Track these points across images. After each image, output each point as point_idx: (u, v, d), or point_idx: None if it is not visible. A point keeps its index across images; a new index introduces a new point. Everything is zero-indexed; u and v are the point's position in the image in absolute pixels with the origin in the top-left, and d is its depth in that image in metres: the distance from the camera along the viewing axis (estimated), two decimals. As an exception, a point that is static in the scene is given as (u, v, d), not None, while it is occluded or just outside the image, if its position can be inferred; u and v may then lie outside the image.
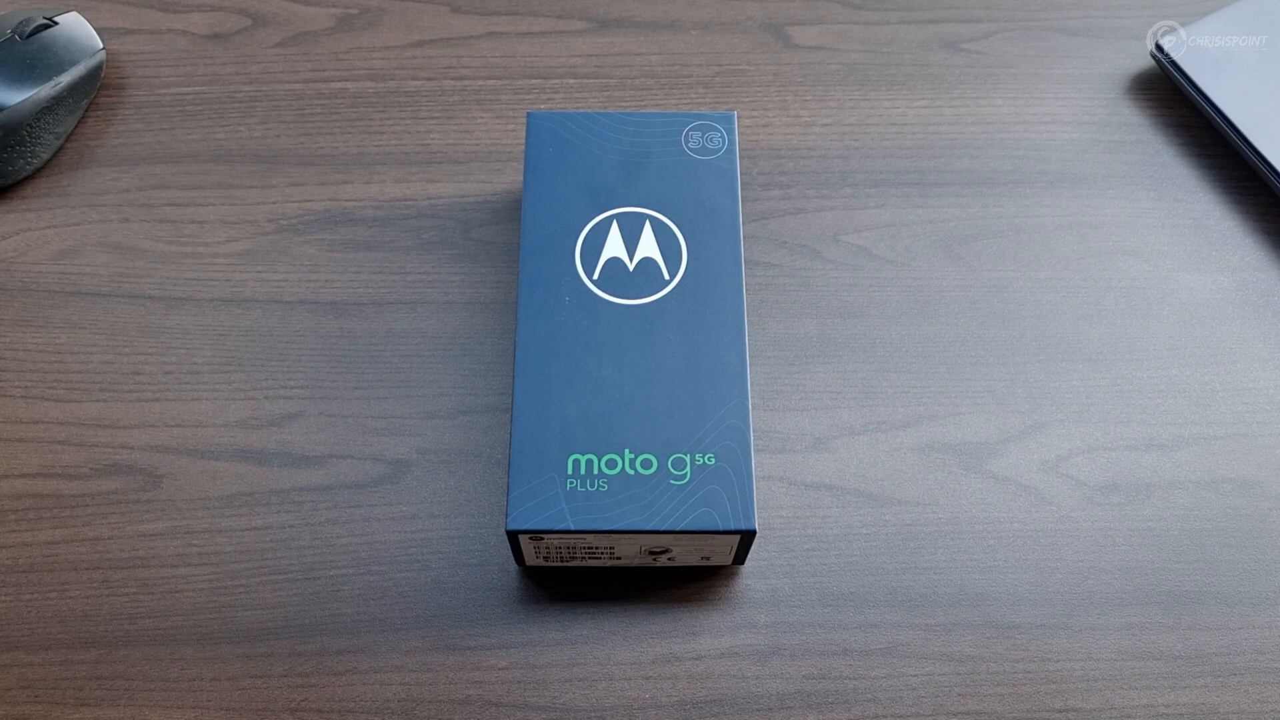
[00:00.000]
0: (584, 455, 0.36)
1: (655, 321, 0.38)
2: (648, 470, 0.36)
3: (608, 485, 0.36)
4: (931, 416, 0.43)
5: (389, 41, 0.51)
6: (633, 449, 0.36)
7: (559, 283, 0.39)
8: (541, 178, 0.41)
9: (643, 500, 0.36)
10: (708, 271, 0.39)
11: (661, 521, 0.35)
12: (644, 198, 0.41)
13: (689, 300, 0.39)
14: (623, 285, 0.39)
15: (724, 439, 0.36)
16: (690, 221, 0.40)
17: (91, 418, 0.42)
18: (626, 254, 0.40)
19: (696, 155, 0.41)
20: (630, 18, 0.52)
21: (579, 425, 0.37)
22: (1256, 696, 0.38)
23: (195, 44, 0.51)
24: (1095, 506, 0.41)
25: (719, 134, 0.42)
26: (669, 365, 0.38)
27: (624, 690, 0.38)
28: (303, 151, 0.48)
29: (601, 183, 0.41)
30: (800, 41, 0.51)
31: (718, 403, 0.37)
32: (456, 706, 0.37)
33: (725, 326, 0.38)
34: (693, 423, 0.37)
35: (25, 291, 0.45)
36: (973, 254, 0.46)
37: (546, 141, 0.42)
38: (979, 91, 0.50)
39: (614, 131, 0.42)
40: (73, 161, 0.48)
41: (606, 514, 0.35)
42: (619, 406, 0.37)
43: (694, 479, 0.36)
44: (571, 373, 0.37)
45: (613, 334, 0.38)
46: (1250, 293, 0.45)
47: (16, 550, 0.40)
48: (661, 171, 0.41)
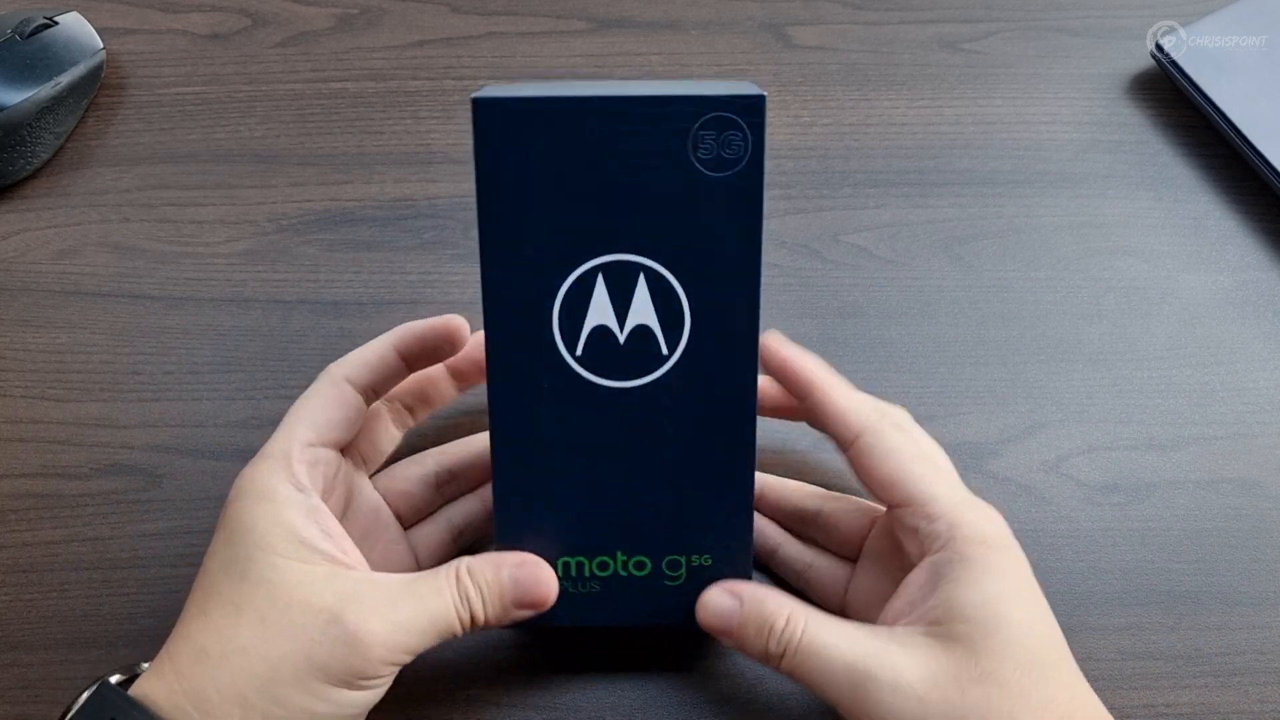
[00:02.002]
0: (574, 559, 0.34)
1: (650, 410, 0.33)
2: (641, 572, 0.34)
3: (600, 587, 0.34)
4: (931, 416, 0.43)
5: (389, 41, 0.51)
6: (625, 551, 0.34)
7: (535, 363, 0.32)
8: (504, 210, 0.31)
9: (635, 600, 0.34)
10: (715, 344, 0.32)
11: (651, 618, 0.35)
12: (636, 239, 0.31)
13: (690, 382, 0.32)
14: (611, 363, 0.32)
15: (723, 538, 0.34)
16: (696, 272, 0.31)
17: (92, 418, 0.42)
18: (616, 321, 0.32)
19: (708, 171, 0.31)
20: (630, 18, 0.52)
21: (566, 528, 0.34)
22: (1257, 697, 0.38)
23: (195, 44, 0.51)
24: (1095, 506, 0.41)
25: (739, 136, 0.30)
26: (663, 458, 0.33)
27: (624, 691, 0.38)
28: (303, 151, 0.48)
29: (582, 215, 0.31)
30: (800, 41, 0.51)
31: (719, 498, 0.33)
32: (456, 706, 0.37)
33: (732, 417, 0.33)
34: (690, 521, 0.34)
35: (25, 291, 0.45)
36: (973, 254, 0.46)
37: (504, 150, 0.31)
38: (979, 91, 0.50)
39: (595, 131, 0.30)
40: (73, 161, 0.48)
41: (598, 613, 0.34)
42: (609, 506, 0.33)
43: (689, 580, 0.34)
44: (554, 471, 0.33)
45: (600, 425, 0.33)
46: (1250, 293, 0.45)
47: (17, 550, 0.40)
48: (659, 197, 0.31)
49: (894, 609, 0.32)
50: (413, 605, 0.30)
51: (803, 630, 0.31)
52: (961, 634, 0.30)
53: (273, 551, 0.30)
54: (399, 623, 0.30)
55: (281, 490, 0.31)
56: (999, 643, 0.30)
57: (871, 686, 0.29)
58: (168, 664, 0.30)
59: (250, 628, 0.29)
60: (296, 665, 0.29)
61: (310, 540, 0.31)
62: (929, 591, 0.31)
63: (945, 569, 0.31)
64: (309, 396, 0.34)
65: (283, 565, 0.30)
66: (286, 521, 0.31)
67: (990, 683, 0.29)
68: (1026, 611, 0.31)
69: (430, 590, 0.31)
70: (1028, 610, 0.31)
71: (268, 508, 0.31)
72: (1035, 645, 0.30)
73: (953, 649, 0.30)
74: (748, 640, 0.32)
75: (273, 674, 0.29)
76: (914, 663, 0.30)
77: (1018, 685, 0.29)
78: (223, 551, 0.31)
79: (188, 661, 0.29)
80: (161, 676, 0.29)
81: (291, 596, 0.30)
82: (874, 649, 0.30)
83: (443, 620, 0.31)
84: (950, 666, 0.29)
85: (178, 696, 0.29)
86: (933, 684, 0.29)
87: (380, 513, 0.37)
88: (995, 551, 0.32)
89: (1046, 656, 0.31)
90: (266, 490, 0.31)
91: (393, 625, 0.30)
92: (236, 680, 0.29)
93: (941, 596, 0.31)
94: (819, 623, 0.31)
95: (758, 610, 0.32)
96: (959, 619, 0.30)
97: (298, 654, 0.29)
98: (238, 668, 0.29)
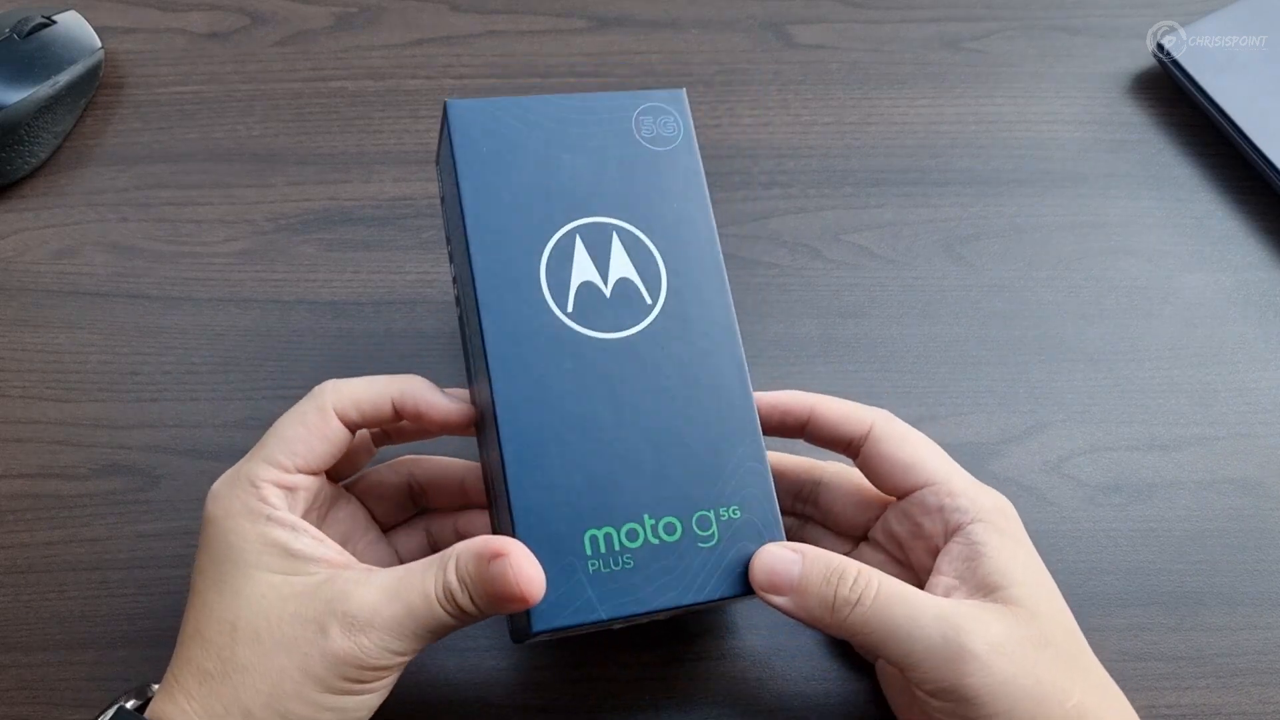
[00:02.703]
0: (601, 530, 0.32)
1: (647, 356, 0.34)
2: (672, 536, 0.32)
3: (634, 561, 0.32)
4: (933, 416, 0.43)
5: (388, 40, 0.51)
6: (652, 513, 0.32)
7: (531, 322, 0.33)
8: (482, 187, 0.34)
9: (674, 572, 0.32)
10: (692, 288, 0.35)
11: (698, 592, 0.32)
12: (605, 203, 0.35)
13: (678, 325, 0.34)
14: (602, 315, 0.34)
15: (745, 485, 0.33)
16: (660, 229, 0.35)
17: (90, 418, 0.42)
18: (600, 276, 0.34)
19: (652, 146, 0.36)
20: (631, 16, 0.52)
21: (588, 494, 0.32)
22: (1259, 697, 0.38)
23: (194, 43, 0.51)
24: (1097, 507, 0.41)
25: (672, 118, 0.36)
26: (670, 406, 0.33)
27: (624, 691, 0.38)
28: (301, 151, 0.48)
29: (553, 188, 0.35)
30: (801, 40, 0.51)
31: (731, 445, 0.33)
32: (456, 706, 0.37)
33: (722, 352, 0.34)
34: (710, 472, 0.33)
35: (23, 291, 0.45)
36: (974, 253, 0.46)
37: (478, 140, 0.35)
38: (980, 90, 0.50)
39: (553, 121, 0.35)
40: (71, 161, 0.48)
41: (639, 594, 0.32)
42: (626, 464, 0.33)
43: (723, 538, 0.33)
44: (566, 432, 0.33)
45: (603, 377, 0.33)
46: (1252, 292, 0.45)
47: (15, 551, 0.40)
48: (617, 170, 0.35)
49: (942, 585, 0.32)
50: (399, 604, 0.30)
51: (879, 583, 0.31)
52: (1019, 598, 0.31)
53: (262, 568, 0.31)
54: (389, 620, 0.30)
55: (256, 507, 0.32)
56: (1050, 610, 0.31)
57: (965, 637, 0.29)
58: (175, 686, 0.30)
59: (246, 646, 0.30)
60: (294, 679, 0.29)
61: (300, 551, 0.31)
62: (973, 562, 0.32)
63: (982, 540, 0.32)
64: (295, 421, 0.34)
65: (273, 581, 0.30)
66: (272, 538, 0.31)
67: (1051, 647, 0.30)
68: (1050, 583, 0.33)
69: (417, 586, 0.30)
70: (1050, 582, 0.33)
71: (250, 526, 0.31)
72: (1065, 615, 0.32)
73: (1018, 613, 0.31)
74: (811, 590, 0.31)
75: (274, 689, 0.29)
76: (999, 625, 0.30)
77: (1069, 650, 0.31)
78: (211, 570, 0.31)
79: (193, 683, 0.30)
80: (172, 699, 0.30)
81: (283, 611, 0.30)
82: (959, 608, 0.30)
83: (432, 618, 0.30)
84: (1020, 630, 0.30)
85: (190, 717, 0.30)
86: (1015, 643, 0.30)
87: (358, 516, 0.37)
88: (1014, 523, 0.33)
89: (1072, 626, 0.32)
90: (246, 509, 0.32)
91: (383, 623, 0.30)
92: (241, 698, 0.29)
93: (989, 565, 0.31)
94: (894, 581, 0.31)
95: (824, 560, 0.31)
96: (1015, 583, 0.31)
97: (293, 668, 0.29)
98: (240, 685, 0.29)
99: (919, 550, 0.34)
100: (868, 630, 0.30)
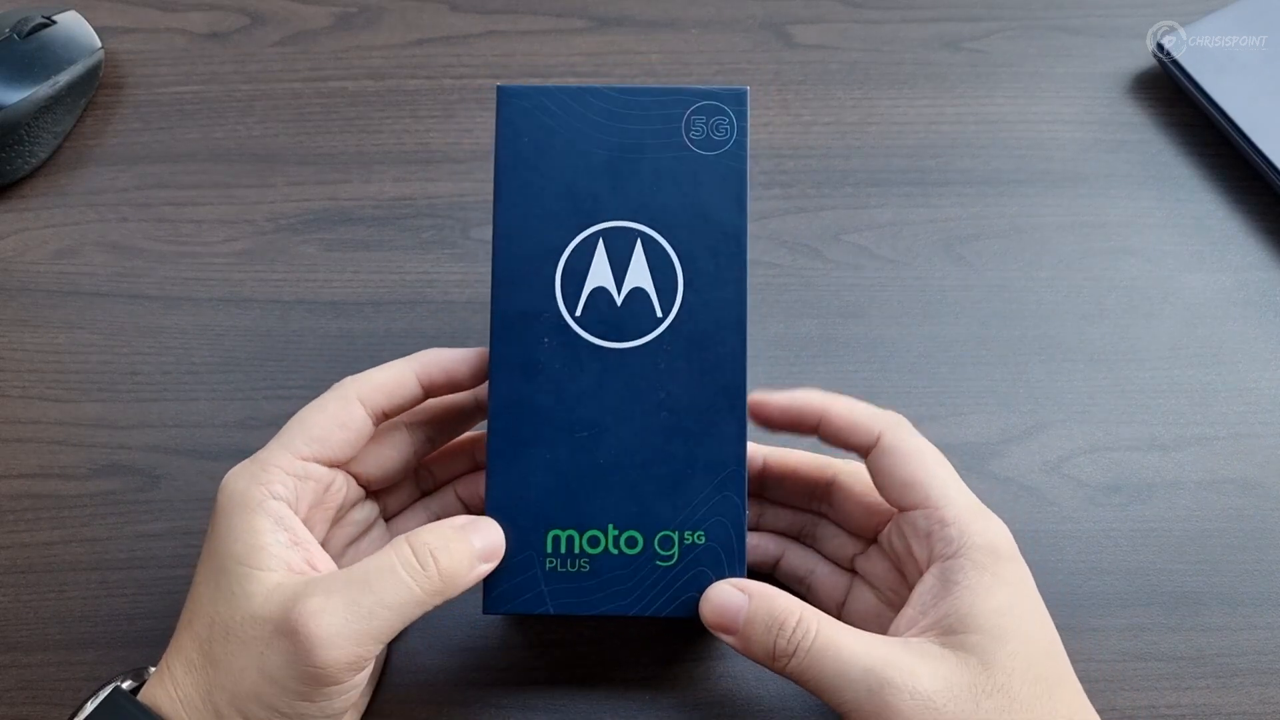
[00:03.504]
0: (564, 531, 0.33)
1: (644, 371, 0.34)
2: (632, 549, 0.33)
3: (589, 566, 0.33)
4: (933, 417, 0.43)
5: (388, 40, 0.51)
6: (617, 524, 0.33)
7: (537, 321, 0.34)
8: (517, 179, 0.35)
9: (626, 583, 0.33)
10: (706, 308, 0.34)
11: (645, 607, 0.33)
12: (635, 207, 0.35)
13: (683, 345, 0.34)
14: (609, 323, 0.34)
15: (715, 513, 0.33)
16: (688, 240, 0.34)
17: (89, 418, 0.42)
18: (614, 283, 0.34)
19: (699, 149, 0.35)
20: (630, 16, 0.51)
21: (558, 495, 0.33)
22: (1259, 698, 0.38)
23: (194, 43, 0.51)
24: (1097, 507, 0.41)
25: (727, 120, 0.35)
26: (657, 424, 0.34)
27: (624, 691, 0.38)
28: (301, 151, 0.48)
29: (586, 186, 0.35)
30: (801, 40, 0.51)
31: (711, 470, 0.33)
32: (456, 707, 0.37)
33: (722, 381, 0.34)
34: (682, 494, 0.33)
35: (23, 291, 0.45)
36: (974, 254, 0.46)
37: (522, 129, 0.35)
38: (980, 90, 0.50)
39: (601, 114, 0.35)
40: (71, 161, 0.48)
41: (588, 598, 0.33)
42: (601, 473, 0.33)
43: (681, 560, 0.33)
44: (550, 432, 0.34)
45: (596, 386, 0.34)
46: (1252, 292, 0.45)
47: (14, 551, 0.40)
48: (656, 171, 0.35)
49: (906, 617, 0.32)
50: (364, 592, 0.29)
51: (816, 632, 0.30)
52: (974, 645, 0.30)
53: (241, 562, 0.30)
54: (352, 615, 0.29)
55: (256, 496, 0.31)
56: (1008, 655, 0.30)
57: (889, 692, 0.29)
58: (166, 672, 0.31)
59: (219, 642, 0.30)
60: (252, 680, 0.29)
61: (269, 548, 0.31)
62: (940, 598, 0.31)
63: (956, 576, 0.31)
64: (315, 409, 0.33)
65: (249, 576, 0.30)
66: (255, 530, 0.31)
67: (1002, 695, 0.29)
68: (1034, 625, 0.31)
69: (378, 570, 0.30)
70: (1035, 624, 0.31)
71: (241, 519, 0.31)
72: (1042, 660, 0.31)
73: (966, 660, 0.30)
74: (754, 637, 0.31)
75: (235, 687, 0.29)
76: (930, 672, 0.29)
77: (1027, 699, 0.29)
78: (205, 564, 0.32)
79: (180, 671, 0.30)
80: (162, 684, 0.31)
81: (247, 610, 0.30)
82: (890, 656, 0.30)
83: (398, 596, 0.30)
84: (965, 677, 0.29)
85: (175, 704, 0.30)
86: (949, 694, 0.29)
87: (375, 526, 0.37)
88: (1004, 562, 0.32)
89: (1052, 672, 0.31)
90: (244, 499, 0.31)
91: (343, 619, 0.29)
92: (212, 692, 0.30)
93: (953, 604, 0.31)
94: (832, 626, 0.31)
95: (767, 607, 0.31)
96: (972, 629, 0.30)
97: (251, 668, 0.29)
98: (212, 680, 0.30)
99: (909, 569, 0.34)
100: (803, 680, 0.31)
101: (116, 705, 0.31)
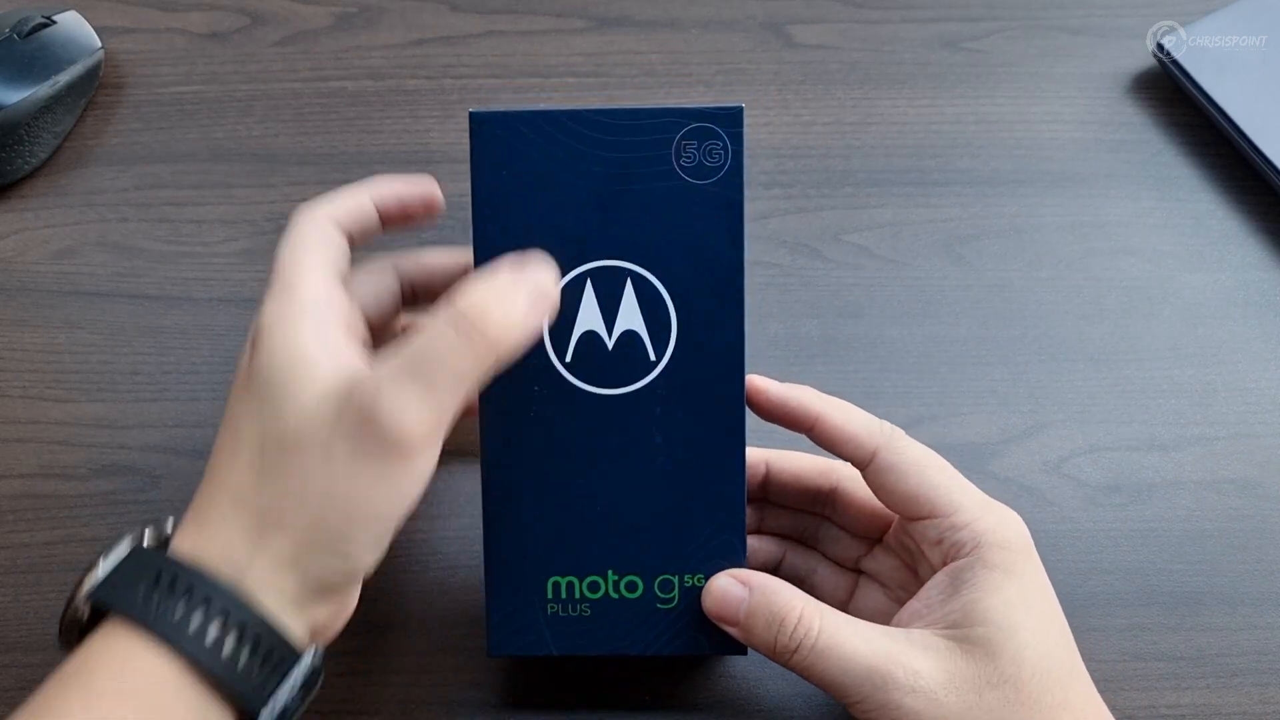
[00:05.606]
0: (564, 578, 0.33)
1: (638, 417, 0.33)
2: (633, 594, 0.33)
3: (590, 610, 0.33)
4: (933, 417, 0.43)
5: (388, 40, 0.51)
6: (616, 570, 0.33)
7: (526, 367, 0.32)
8: (496, 220, 0.32)
9: (627, 625, 0.33)
10: (701, 350, 0.33)
11: (647, 647, 0.34)
12: (624, 245, 0.32)
13: (678, 389, 0.33)
14: (600, 369, 0.33)
15: (715, 556, 0.33)
16: (681, 278, 0.32)
17: (90, 418, 0.42)
18: (604, 327, 0.33)
19: (690, 178, 0.32)
20: (630, 16, 0.51)
21: (557, 542, 0.33)
22: (1259, 697, 0.38)
23: (194, 43, 0.51)
24: (1097, 507, 0.41)
25: (720, 145, 0.32)
26: (653, 468, 0.33)
27: (624, 691, 0.38)
28: (301, 151, 0.48)
29: (571, 223, 0.32)
30: (801, 40, 0.51)
31: (710, 513, 0.33)
32: (456, 707, 0.37)
33: (719, 425, 0.33)
34: (681, 538, 0.33)
35: (23, 291, 0.45)
36: (974, 253, 0.46)
37: (500, 160, 0.32)
38: (980, 90, 0.50)
39: (585, 141, 0.32)
40: (71, 161, 0.48)
41: (590, 640, 0.33)
42: (599, 519, 0.33)
43: (682, 602, 0.33)
44: (546, 480, 0.33)
45: (590, 433, 0.33)
46: (1252, 292, 0.45)
47: (15, 551, 0.40)
48: (645, 204, 0.32)
49: (911, 610, 0.32)
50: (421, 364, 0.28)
51: (819, 630, 0.30)
52: (980, 637, 0.30)
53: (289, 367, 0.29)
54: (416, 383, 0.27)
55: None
56: (1016, 647, 0.30)
57: (891, 687, 0.29)
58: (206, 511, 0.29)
59: (272, 455, 0.28)
60: (321, 479, 0.27)
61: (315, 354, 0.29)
62: (949, 596, 0.31)
63: (966, 574, 0.31)
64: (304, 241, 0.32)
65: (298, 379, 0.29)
66: (299, 343, 0.29)
67: (1007, 687, 0.29)
68: (1044, 618, 0.31)
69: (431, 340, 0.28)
70: (1045, 617, 0.31)
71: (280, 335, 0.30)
72: (1051, 652, 0.31)
73: (971, 652, 0.30)
74: (755, 632, 0.31)
75: (303, 492, 0.28)
76: (932, 665, 0.30)
77: (1033, 691, 0.30)
78: (242, 395, 0.30)
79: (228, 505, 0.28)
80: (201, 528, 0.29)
81: (302, 412, 0.28)
82: (892, 650, 0.30)
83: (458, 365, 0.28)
84: (968, 670, 0.30)
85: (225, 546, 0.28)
86: (951, 687, 0.29)
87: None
88: (1016, 556, 0.32)
89: (1061, 664, 0.31)
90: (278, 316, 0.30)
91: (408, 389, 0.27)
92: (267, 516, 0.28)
93: (961, 601, 0.31)
94: (835, 621, 0.31)
95: (767, 602, 0.31)
96: (978, 622, 0.30)
97: (318, 469, 0.27)
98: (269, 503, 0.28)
99: (923, 567, 0.34)
100: (808, 675, 0.31)
101: (144, 562, 0.28)
